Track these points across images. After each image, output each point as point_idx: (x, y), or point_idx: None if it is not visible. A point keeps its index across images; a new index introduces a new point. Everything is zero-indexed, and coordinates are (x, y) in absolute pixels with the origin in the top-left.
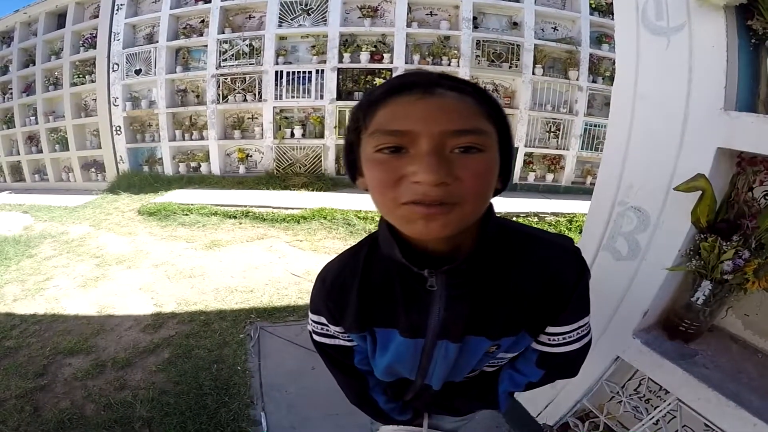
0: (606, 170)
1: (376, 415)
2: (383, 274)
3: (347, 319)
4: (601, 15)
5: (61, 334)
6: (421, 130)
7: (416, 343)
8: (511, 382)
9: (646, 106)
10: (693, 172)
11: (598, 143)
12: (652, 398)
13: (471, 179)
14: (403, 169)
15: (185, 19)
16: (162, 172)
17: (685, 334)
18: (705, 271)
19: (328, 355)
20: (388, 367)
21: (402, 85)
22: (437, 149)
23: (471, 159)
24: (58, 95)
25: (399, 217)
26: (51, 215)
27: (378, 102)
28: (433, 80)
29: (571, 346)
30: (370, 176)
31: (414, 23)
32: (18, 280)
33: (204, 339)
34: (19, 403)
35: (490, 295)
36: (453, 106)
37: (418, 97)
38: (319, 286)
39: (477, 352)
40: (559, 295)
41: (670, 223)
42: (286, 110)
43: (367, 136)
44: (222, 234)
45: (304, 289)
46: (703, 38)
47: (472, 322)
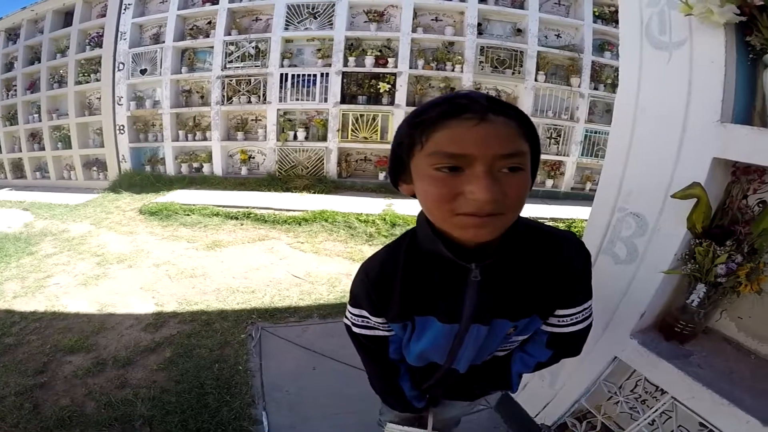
0: (607, 177)
1: (399, 403)
2: (423, 267)
3: (391, 310)
4: (604, 23)
5: (62, 332)
6: (478, 154)
7: (452, 327)
8: (522, 363)
9: (647, 117)
10: (689, 180)
11: (598, 150)
12: (648, 398)
13: (514, 194)
14: (459, 187)
15: (192, 20)
16: (164, 172)
17: (681, 335)
18: (700, 275)
19: (364, 346)
20: (422, 352)
21: (456, 109)
22: (490, 171)
23: (515, 177)
24: (62, 93)
25: (453, 225)
26: (52, 213)
27: (434, 124)
28: (485, 106)
29: (578, 326)
30: (428, 190)
31: (419, 28)
32: (18, 277)
33: (205, 339)
34: (19, 400)
35: (513, 282)
36: (503, 132)
37: (475, 123)
38: (363, 280)
39: (501, 333)
40: (569, 280)
41: (666, 229)
42: (290, 113)
43: (424, 154)
44: (223, 235)
45: (305, 290)
46: (703, 53)
47: (499, 305)
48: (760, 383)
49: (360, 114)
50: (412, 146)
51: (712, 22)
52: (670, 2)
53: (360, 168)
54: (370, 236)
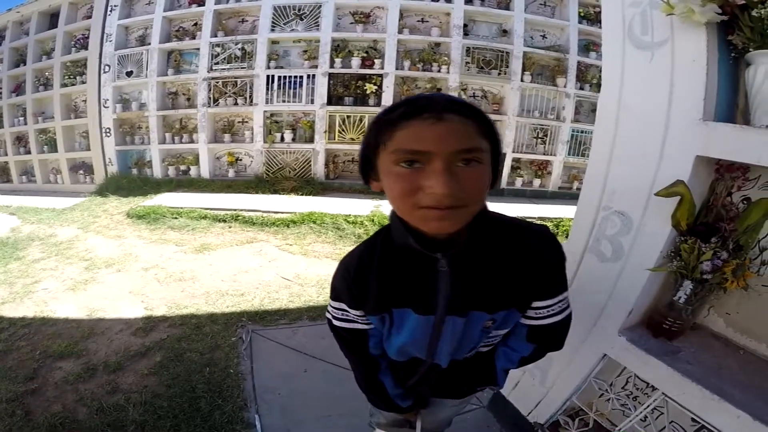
0: (591, 176)
1: (381, 400)
2: (397, 261)
3: (369, 302)
4: (589, 23)
5: (51, 338)
6: (435, 150)
7: (428, 319)
8: (506, 358)
9: (630, 116)
10: (673, 178)
11: (585, 149)
12: (639, 395)
13: (472, 186)
14: (419, 182)
15: (178, 21)
16: (151, 175)
17: (669, 332)
18: (686, 272)
19: (344, 339)
20: (402, 346)
21: (415, 110)
22: (448, 166)
23: (472, 170)
24: (48, 96)
25: (417, 218)
26: (39, 217)
27: (396, 123)
28: (442, 106)
29: (555, 317)
30: (391, 185)
31: (405, 29)
32: (6, 282)
33: (196, 342)
34: (10, 407)
35: (485, 274)
36: (459, 129)
37: (432, 122)
38: (343, 273)
39: (478, 326)
40: (542, 272)
41: (651, 227)
42: (277, 114)
43: (387, 152)
44: (212, 238)
45: (295, 292)
46: (685, 53)
47: (473, 297)
48: (749, 378)
49: (347, 115)
50: (377, 146)
51: (694, 21)
52: (653, 2)
53: (347, 169)
54: (358, 237)
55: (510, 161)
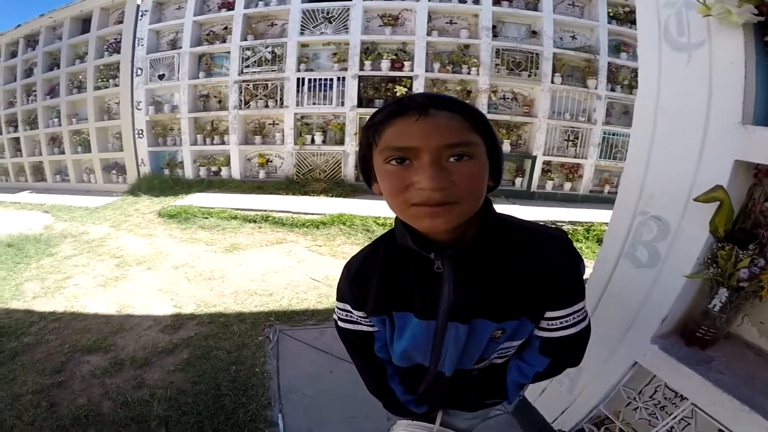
0: (628, 180)
1: (393, 405)
2: (399, 263)
3: (369, 303)
4: (619, 23)
5: (80, 332)
6: (421, 146)
7: (429, 324)
8: (518, 372)
9: (667, 118)
10: (712, 183)
11: (617, 152)
12: (667, 405)
13: (464, 182)
14: (409, 178)
15: (208, 25)
16: (182, 176)
17: (702, 340)
18: (722, 279)
19: (349, 341)
20: (404, 351)
21: (401, 108)
22: (435, 161)
23: (463, 165)
24: (81, 98)
25: (410, 216)
26: (72, 215)
27: (383, 123)
28: (426, 103)
29: (569, 330)
30: (383, 184)
31: (434, 32)
32: (38, 278)
33: (223, 340)
34: (36, 398)
35: (492, 280)
36: (445, 124)
37: (416, 119)
38: (345, 274)
39: (484, 335)
40: (554, 280)
41: (689, 232)
42: (307, 116)
43: (377, 152)
44: (241, 238)
45: (323, 293)
46: (722, 54)
47: (478, 304)
48: None
49: None
50: (369, 147)
51: (731, 22)
52: (688, 3)
53: None
54: None
55: (541, 164)
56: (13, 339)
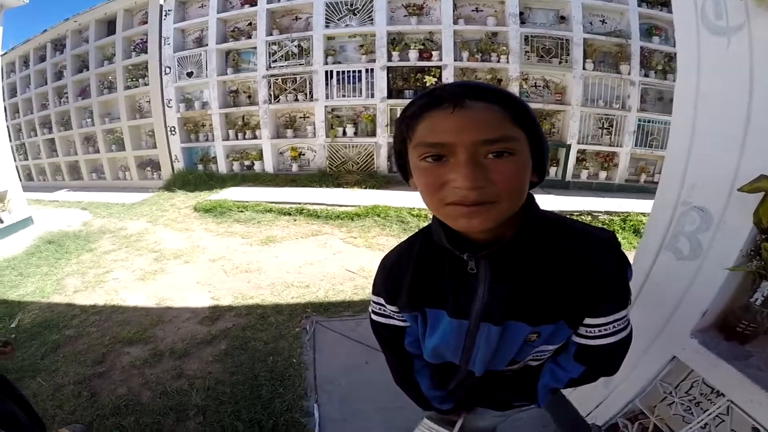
0: (669, 169)
1: (417, 399)
2: (434, 260)
3: (402, 299)
4: (649, 6)
5: (120, 325)
6: (457, 142)
7: (461, 324)
8: (552, 377)
9: (708, 105)
10: (756, 172)
11: (652, 140)
12: (703, 401)
13: (504, 181)
14: (445, 176)
15: (233, 22)
16: (216, 171)
17: (742, 335)
18: (765, 272)
19: (381, 335)
20: (435, 348)
21: (434, 100)
22: (472, 157)
23: (503, 163)
24: (112, 98)
25: (445, 215)
26: (109, 212)
27: (416, 117)
28: (461, 93)
29: (607, 339)
30: (418, 181)
31: (460, 20)
32: (78, 272)
33: (260, 332)
34: (77, 388)
35: (529, 282)
36: (482, 117)
37: (450, 111)
38: (381, 269)
39: (517, 338)
40: (596, 285)
41: (732, 224)
42: (337, 109)
43: (412, 147)
44: (277, 230)
45: (359, 285)
46: (762, 38)
47: (513, 306)
48: None
49: None
50: (404, 141)
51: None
52: None
53: None
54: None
55: (575, 153)
56: (55, 332)
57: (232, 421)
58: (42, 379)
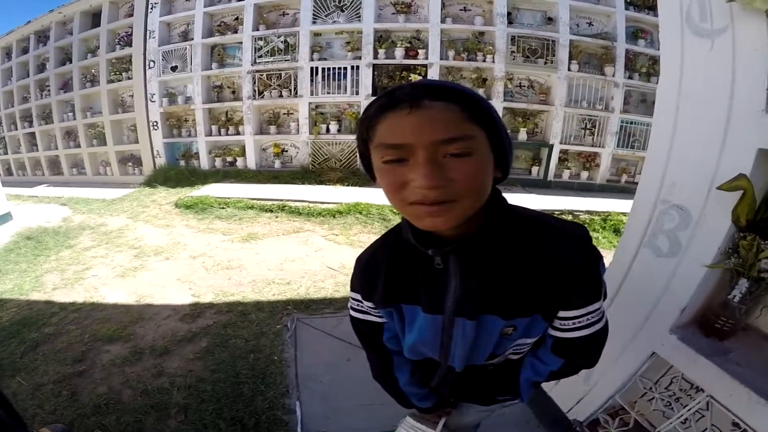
0: (649, 168)
1: (395, 395)
2: (407, 256)
3: (377, 295)
4: (636, 10)
5: (100, 322)
6: (415, 142)
7: (436, 319)
8: (533, 370)
9: (690, 106)
10: (735, 171)
11: (634, 141)
12: (683, 397)
13: (463, 180)
14: (405, 176)
15: (219, 16)
16: (198, 167)
17: (721, 331)
18: (743, 269)
19: (360, 330)
20: (413, 344)
21: (392, 101)
22: (431, 157)
23: (461, 162)
24: (95, 92)
25: (409, 215)
26: (89, 207)
27: (375, 118)
28: (419, 93)
29: (582, 331)
30: (381, 182)
31: (448, 19)
32: (57, 269)
33: (241, 329)
34: (57, 387)
35: (500, 275)
36: (440, 117)
37: (408, 112)
38: (356, 266)
39: (493, 331)
40: (566, 278)
41: (710, 222)
42: (322, 106)
43: (373, 148)
44: (258, 227)
45: (340, 282)
46: (745, 41)
47: (485, 300)
48: None
49: None
50: (365, 141)
51: (754, 8)
52: None
53: None
54: None
55: (557, 153)
56: (34, 330)
57: (213, 419)
58: (21, 378)
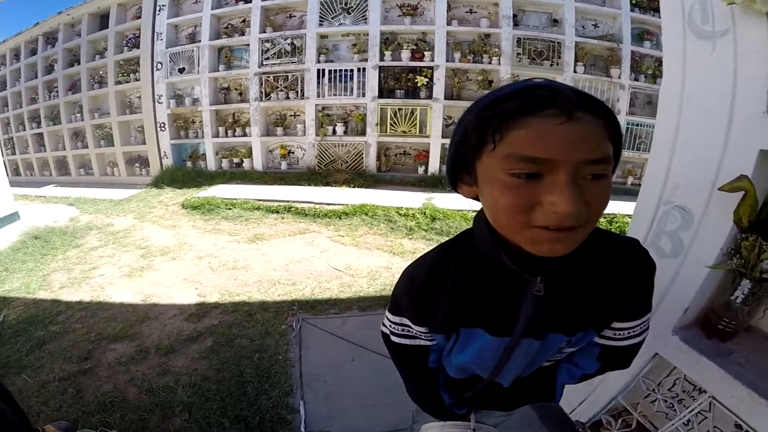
0: (652, 170)
1: (439, 412)
2: (477, 275)
3: (436, 319)
4: (642, 11)
5: (106, 321)
6: (563, 159)
7: (501, 341)
8: (568, 374)
9: (692, 108)
10: (736, 173)
11: (640, 143)
12: (685, 398)
13: (598, 205)
14: (538, 196)
15: (226, 18)
16: (205, 168)
17: (723, 332)
18: (745, 270)
19: (402, 356)
20: (464, 365)
21: (538, 103)
22: (574, 179)
23: (598, 186)
24: (103, 93)
25: (526, 238)
26: (96, 208)
27: (510, 120)
28: (572, 102)
29: (634, 339)
30: (499, 198)
31: (454, 21)
32: (64, 268)
33: (247, 329)
34: (62, 385)
35: (575, 295)
36: (591, 134)
37: (560, 122)
38: (407, 286)
39: (554, 347)
40: (632, 292)
41: (713, 223)
42: (328, 107)
43: (496, 156)
44: (265, 228)
45: (345, 283)
46: (747, 43)
47: (555, 319)
48: None
49: (398, 108)
50: (481, 145)
51: (755, 10)
52: None
53: (399, 162)
54: (410, 230)
55: None
56: (40, 328)
57: (218, 417)
58: (27, 376)
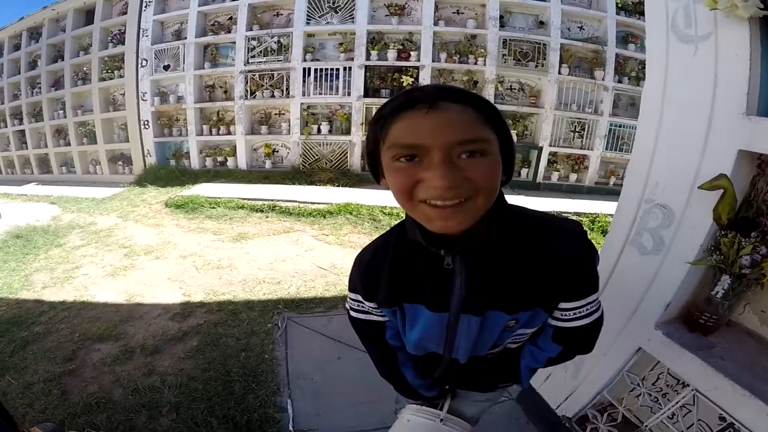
0: (634, 169)
1: (404, 389)
2: (410, 256)
3: (380, 295)
4: (627, 14)
5: (90, 321)
6: (431, 143)
7: (441, 317)
8: (532, 357)
9: (673, 109)
10: (716, 172)
11: (623, 144)
12: (669, 392)
13: (480, 177)
14: (418, 175)
15: (213, 16)
16: (189, 166)
17: (705, 327)
18: (725, 266)
19: (362, 330)
20: (418, 341)
21: (409, 101)
22: (447, 158)
23: (476, 162)
24: (86, 90)
25: (419, 215)
26: (79, 206)
27: (390, 117)
28: (436, 95)
29: (582, 320)
30: (391, 181)
31: (441, 21)
32: (47, 268)
33: (232, 328)
34: (47, 386)
35: (504, 273)
36: (456, 119)
37: (425, 112)
38: (357, 266)
39: (497, 326)
40: (568, 272)
41: (693, 220)
42: (313, 106)
43: (385, 148)
44: (249, 227)
45: (331, 281)
46: (728, 47)
47: (491, 297)
48: None
49: None
50: (377, 142)
51: (737, 16)
52: None
53: None
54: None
55: (547, 155)
56: (23, 329)
57: (205, 417)
58: (11, 378)
